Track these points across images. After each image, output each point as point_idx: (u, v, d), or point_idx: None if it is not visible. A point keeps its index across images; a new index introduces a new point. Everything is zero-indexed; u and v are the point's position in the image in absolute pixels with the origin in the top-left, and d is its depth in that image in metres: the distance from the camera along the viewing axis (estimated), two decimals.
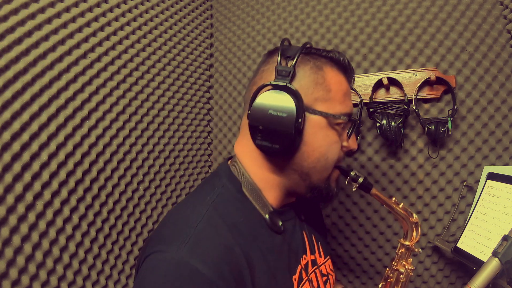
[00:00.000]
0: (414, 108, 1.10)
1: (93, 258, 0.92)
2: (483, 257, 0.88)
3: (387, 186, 1.21)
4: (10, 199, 0.74)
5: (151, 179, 1.15)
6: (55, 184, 0.83)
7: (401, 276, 0.78)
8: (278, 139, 0.63)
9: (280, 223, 0.70)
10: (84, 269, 0.89)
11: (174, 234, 0.60)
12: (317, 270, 0.79)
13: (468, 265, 0.93)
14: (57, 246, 0.83)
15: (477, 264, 0.88)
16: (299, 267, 0.73)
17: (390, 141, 1.10)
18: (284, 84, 0.64)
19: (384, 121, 1.08)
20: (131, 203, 1.07)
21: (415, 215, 0.76)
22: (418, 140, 1.18)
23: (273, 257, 0.66)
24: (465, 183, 1.12)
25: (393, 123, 1.07)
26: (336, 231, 1.29)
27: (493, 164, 1.10)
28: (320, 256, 0.83)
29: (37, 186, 0.79)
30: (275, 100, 0.63)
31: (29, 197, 0.77)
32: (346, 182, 0.75)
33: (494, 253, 0.72)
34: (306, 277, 0.74)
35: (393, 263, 0.80)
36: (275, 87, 0.65)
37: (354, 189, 0.74)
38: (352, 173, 0.73)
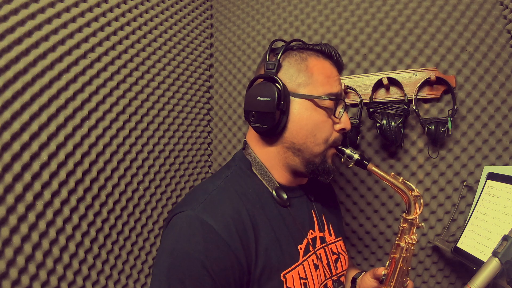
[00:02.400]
0: (414, 108, 1.10)
1: (93, 258, 0.92)
2: (483, 257, 0.88)
3: (387, 186, 1.21)
4: (10, 199, 0.74)
5: (151, 179, 1.15)
6: (55, 184, 0.83)
7: (404, 250, 0.80)
8: (266, 119, 0.75)
9: (286, 197, 0.79)
10: (84, 269, 0.89)
11: (193, 198, 0.73)
12: (326, 248, 0.86)
13: (468, 265, 0.93)
14: (57, 246, 0.83)
15: (477, 264, 0.88)
16: (305, 240, 0.80)
17: (390, 141, 1.10)
18: (269, 75, 0.76)
19: (384, 121, 1.08)
20: (131, 203, 1.07)
21: (416, 189, 0.79)
22: (418, 140, 1.18)
23: (279, 225, 0.76)
24: (465, 183, 1.12)
25: (393, 123, 1.07)
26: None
27: (493, 164, 1.10)
28: (330, 235, 0.90)
29: (37, 186, 0.79)
30: (262, 88, 0.76)
31: (29, 197, 0.77)
32: (342, 160, 0.81)
33: (494, 253, 0.72)
34: (313, 251, 0.81)
35: (396, 238, 0.83)
36: (263, 78, 0.77)
37: (350, 166, 0.81)
38: (348, 151, 0.80)
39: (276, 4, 1.43)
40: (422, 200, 0.79)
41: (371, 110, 1.15)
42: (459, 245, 0.97)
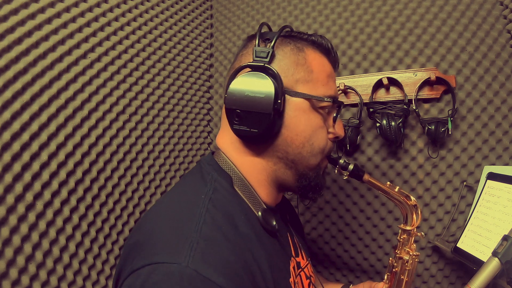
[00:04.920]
0: (414, 108, 1.10)
1: (93, 258, 0.92)
2: (483, 257, 0.88)
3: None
4: (10, 199, 0.73)
5: (151, 179, 1.15)
6: (55, 184, 0.83)
7: (406, 264, 0.74)
8: (256, 122, 0.60)
9: (274, 222, 0.66)
10: (84, 269, 0.89)
11: (174, 240, 0.51)
12: (301, 273, 0.75)
13: (468, 265, 0.93)
14: (57, 246, 0.83)
15: (477, 264, 0.87)
16: (290, 270, 0.69)
17: (390, 141, 1.10)
18: (262, 64, 0.61)
19: (384, 121, 1.08)
20: (131, 203, 1.07)
21: (413, 198, 0.73)
22: (418, 140, 1.18)
23: (274, 259, 0.62)
24: (465, 183, 1.12)
25: (393, 123, 1.07)
26: (335, 231, 1.30)
27: (493, 164, 1.10)
28: (303, 258, 0.79)
29: (37, 186, 0.79)
30: (252, 81, 0.61)
31: (29, 197, 0.77)
32: (336, 171, 0.73)
33: (494, 253, 0.72)
34: (295, 281, 0.70)
35: (396, 251, 0.76)
36: (253, 68, 0.62)
37: (345, 178, 0.72)
38: (341, 161, 0.71)
39: (276, 4, 1.43)
40: (419, 210, 0.74)
41: (371, 110, 1.15)
42: (459, 245, 0.97)
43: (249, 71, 0.62)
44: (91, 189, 0.93)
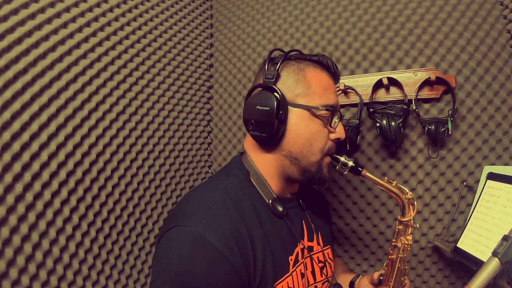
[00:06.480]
0: (414, 108, 1.10)
1: (93, 258, 0.92)
2: (483, 257, 0.88)
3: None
4: (10, 199, 0.74)
5: (151, 179, 1.15)
6: (55, 184, 0.83)
7: (400, 251, 0.83)
8: (265, 128, 0.77)
9: (281, 209, 0.82)
10: (84, 269, 0.89)
11: (193, 212, 0.74)
12: (313, 256, 0.89)
13: (468, 265, 0.93)
14: (57, 246, 0.83)
15: (477, 264, 0.88)
16: (296, 250, 0.84)
17: (390, 141, 1.10)
18: (268, 84, 0.78)
19: (384, 121, 1.08)
20: (131, 203, 1.07)
21: (409, 192, 0.83)
22: (418, 140, 1.18)
23: (273, 237, 0.78)
24: (465, 183, 1.12)
25: (393, 123, 1.07)
26: (336, 231, 1.30)
27: (493, 164, 1.10)
28: (318, 244, 0.93)
29: (37, 186, 0.79)
30: (261, 98, 0.78)
31: (29, 197, 0.77)
32: (337, 167, 0.84)
33: (494, 253, 0.72)
34: (301, 261, 0.84)
35: (392, 240, 0.86)
36: (262, 87, 0.80)
37: (345, 173, 0.85)
38: (342, 159, 0.83)
39: (276, 4, 1.43)
40: (415, 202, 0.82)
41: (371, 110, 1.15)
42: (459, 245, 0.97)
43: (260, 90, 0.80)
44: (91, 189, 0.93)
